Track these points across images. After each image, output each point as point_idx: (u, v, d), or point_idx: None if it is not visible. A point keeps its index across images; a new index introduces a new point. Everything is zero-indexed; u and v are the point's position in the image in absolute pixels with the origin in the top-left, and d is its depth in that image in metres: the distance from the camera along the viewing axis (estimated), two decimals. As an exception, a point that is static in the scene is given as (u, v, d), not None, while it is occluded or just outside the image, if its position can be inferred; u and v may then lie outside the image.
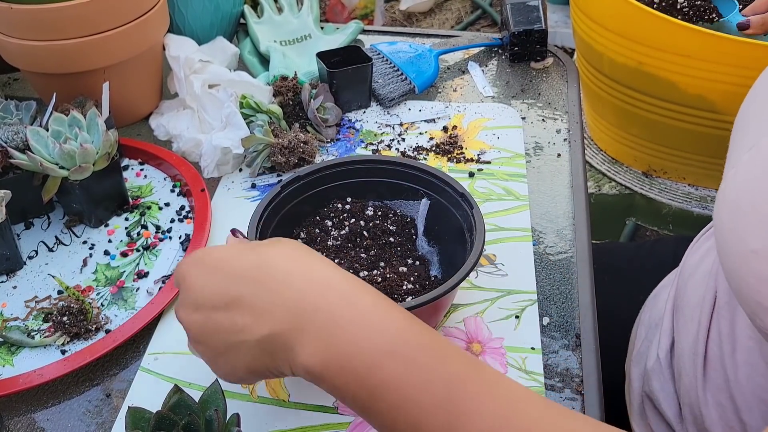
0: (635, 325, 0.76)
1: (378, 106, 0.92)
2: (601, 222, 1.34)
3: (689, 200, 1.23)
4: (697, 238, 0.69)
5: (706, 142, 1.13)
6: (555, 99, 0.92)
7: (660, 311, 0.69)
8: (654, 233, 1.33)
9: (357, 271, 0.62)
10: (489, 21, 2.55)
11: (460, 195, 0.63)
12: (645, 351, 0.69)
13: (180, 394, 0.49)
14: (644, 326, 0.72)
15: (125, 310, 0.66)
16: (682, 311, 0.63)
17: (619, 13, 1.05)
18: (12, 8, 0.75)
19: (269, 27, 1.01)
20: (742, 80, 0.99)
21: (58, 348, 0.62)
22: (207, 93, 0.83)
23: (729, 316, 0.56)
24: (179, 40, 0.89)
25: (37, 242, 0.73)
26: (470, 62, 1.00)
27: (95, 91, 0.79)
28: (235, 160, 0.81)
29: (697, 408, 0.58)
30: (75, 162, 0.69)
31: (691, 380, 0.59)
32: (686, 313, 0.62)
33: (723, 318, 0.56)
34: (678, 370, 0.62)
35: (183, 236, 0.73)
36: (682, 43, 0.99)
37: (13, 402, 0.59)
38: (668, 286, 0.71)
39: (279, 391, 0.59)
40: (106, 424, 0.57)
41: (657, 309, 0.71)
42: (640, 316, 0.75)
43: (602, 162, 1.33)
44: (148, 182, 0.80)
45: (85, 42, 0.78)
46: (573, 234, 0.72)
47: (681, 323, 0.62)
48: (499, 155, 0.83)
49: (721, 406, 0.56)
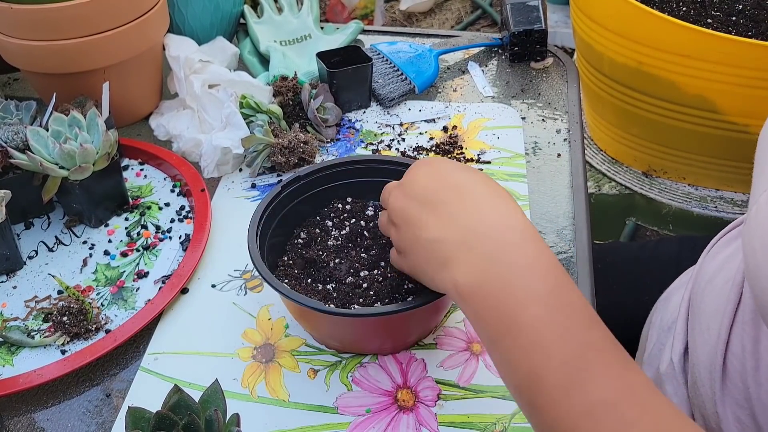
0: (645, 326, 0.75)
1: (378, 106, 0.92)
2: (601, 222, 1.34)
3: (689, 200, 1.23)
4: (713, 242, 0.67)
5: (706, 142, 1.13)
6: (555, 99, 0.92)
7: (673, 314, 0.68)
8: (654, 233, 1.33)
9: (357, 271, 0.62)
10: (489, 21, 2.55)
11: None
12: (657, 354, 0.68)
13: (180, 394, 0.49)
14: (656, 329, 0.71)
15: (125, 310, 0.66)
16: (699, 318, 0.62)
17: (619, 13, 1.05)
18: (12, 8, 0.75)
19: (269, 27, 1.01)
20: (742, 80, 1.00)
21: (58, 348, 0.62)
22: (207, 93, 0.83)
23: (753, 333, 0.55)
24: (179, 40, 0.89)
25: (37, 242, 0.73)
26: (470, 62, 1.00)
27: (95, 91, 0.79)
28: (235, 160, 0.81)
29: (715, 422, 0.57)
30: (75, 162, 0.69)
31: (707, 391, 0.58)
32: (703, 321, 0.60)
33: (746, 334, 0.55)
34: (693, 378, 0.61)
35: (183, 236, 0.73)
36: (682, 43, 1.00)
37: (13, 402, 0.59)
38: (680, 288, 0.70)
39: (279, 391, 0.59)
40: (106, 424, 0.57)
41: (669, 311, 0.70)
42: (651, 318, 0.75)
43: (602, 162, 1.33)
44: (148, 182, 0.80)
45: (85, 42, 0.78)
46: (573, 234, 0.72)
47: (697, 330, 0.61)
48: (499, 155, 0.83)
49: (741, 423, 0.55)
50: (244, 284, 0.68)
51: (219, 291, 0.68)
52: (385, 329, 0.59)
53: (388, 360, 0.61)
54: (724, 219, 1.20)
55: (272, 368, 0.61)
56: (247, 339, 0.63)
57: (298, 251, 0.65)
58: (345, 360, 0.61)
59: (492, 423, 0.56)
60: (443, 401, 0.57)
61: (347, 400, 0.58)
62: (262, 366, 0.61)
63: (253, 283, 0.68)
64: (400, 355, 0.61)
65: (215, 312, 0.66)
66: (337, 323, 0.58)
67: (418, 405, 0.57)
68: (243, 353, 0.62)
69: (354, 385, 0.59)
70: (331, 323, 0.58)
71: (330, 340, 0.61)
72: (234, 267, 0.70)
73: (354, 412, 0.57)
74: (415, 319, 0.59)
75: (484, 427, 0.55)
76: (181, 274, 0.67)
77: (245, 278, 0.69)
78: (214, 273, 0.69)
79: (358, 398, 0.58)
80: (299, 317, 0.61)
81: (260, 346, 0.63)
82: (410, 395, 0.58)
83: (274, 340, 0.63)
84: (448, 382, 0.59)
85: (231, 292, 0.68)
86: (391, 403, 0.57)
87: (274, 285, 0.55)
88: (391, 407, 0.57)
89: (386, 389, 0.58)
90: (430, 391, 0.58)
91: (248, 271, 0.70)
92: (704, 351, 0.59)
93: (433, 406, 0.57)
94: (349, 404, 0.58)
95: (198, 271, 0.69)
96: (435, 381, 0.59)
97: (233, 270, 0.70)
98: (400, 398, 0.58)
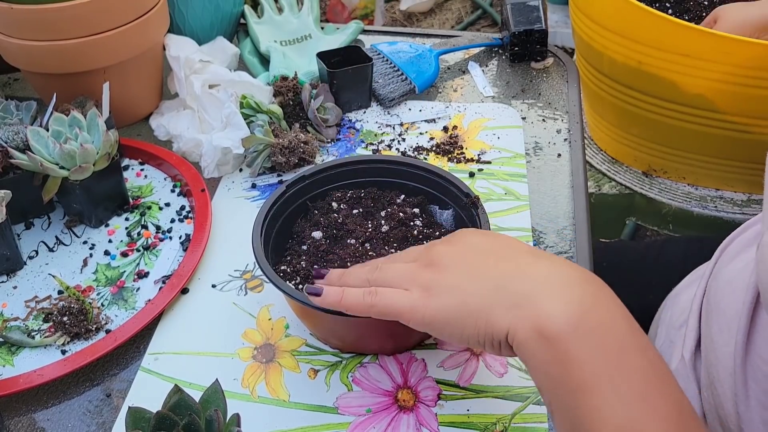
0: (653, 325, 0.75)
1: (378, 106, 0.92)
2: (601, 222, 1.34)
3: (689, 200, 1.23)
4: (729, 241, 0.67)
5: (706, 142, 1.13)
6: (555, 99, 0.92)
7: (683, 311, 0.68)
8: (654, 233, 1.33)
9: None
10: (489, 21, 2.55)
11: (465, 195, 0.63)
12: (666, 351, 0.68)
13: (180, 394, 0.49)
14: (665, 326, 0.71)
15: (125, 310, 0.66)
16: (716, 317, 0.61)
17: (619, 13, 1.05)
18: (12, 8, 0.75)
19: (269, 27, 1.01)
20: (742, 80, 0.99)
21: (58, 348, 0.62)
22: (207, 93, 0.83)
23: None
24: (179, 40, 0.89)
25: (37, 242, 0.73)
26: (470, 62, 1.00)
27: (95, 91, 0.79)
28: (235, 160, 0.81)
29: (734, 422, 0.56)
30: (75, 162, 0.69)
31: (726, 392, 0.57)
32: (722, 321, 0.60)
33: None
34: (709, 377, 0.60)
35: (183, 236, 0.73)
36: (682, 43, 0.99)
37: (14, 402, 0.59)
38: (691, 286, 0.70)
39: (279, 391, 0.59)
40: (107, 424, 0.57)
41: (679, 308, 0.70)
42: (659, 315, 0.74)
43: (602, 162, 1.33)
44: (149, 182, 0.80)
45: (85, 42, 0.78)
46: (573, 234, 0.72)
47: (715, 330, 0.60)
48: (500, 155, 0.83)
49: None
50: (245, 284, 0.68)
51: (219, 291, 0.68)
52: (388, 329, 0.59)
53: (388, 360, 0.61)
54: (724, 219, 1.20)
55: (272, 368, 0.61)
56: (248, 339, 0.63)
57: (301, 250, 0.65)
58: (345, 360, 0.61)
59: (492, 423, 0.56)
60: (443, 401, 0.57)
61: (347, 400, 0.58)
62: (262, 366, 0.61)
63: (254, 283, 0.68)
64: (400, 355, 0.61)
65: (215, 312, 0.66)
66: (339, 323, 0.58)
67: (418, 405, 0.57)
68: (243, 353, 0.62)
69: (354, 385, 0.59)
70: (333, 322, 0.58)
71: (332, 339, 0.61)
72: (234, 267, 0.70)
73: (354, 412, 0.57)
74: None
75: (484, 427, 0.55)
76: (182, 274, 0.67)
77: (245, 278, 0.69)
78: (215, 273, 0.69)
79: (359, 398, 0.58)
80: (302, 316, 0.61)
81: (260, 346, 0.63)
82: (410, 395, 0.58)
83: (275, 340, 0.63)
84: (448, 382, 0.59)
85: (231, 292, 0.68)
86: (391, 403, 0.57)
87: (277, 284, 0.55)
88: (391, 407, 0.57)
89: (386, 389, 0.58)
90: (431, 391, 0.58)
91: (248, 271, 0.70)
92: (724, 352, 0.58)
93: (433, 406, 0.57)
94: (350, 404, 0.58)
95: (198, 271, 0.69)
96: (435, 381, 0.59)
97: (233, 270, 0.70)
98: (401, 398, 0.58)
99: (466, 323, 0.46)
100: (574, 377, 0.41)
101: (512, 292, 0.45)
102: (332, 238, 0.64)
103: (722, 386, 0.58)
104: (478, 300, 0.46)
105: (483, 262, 0.47)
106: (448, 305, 0.47)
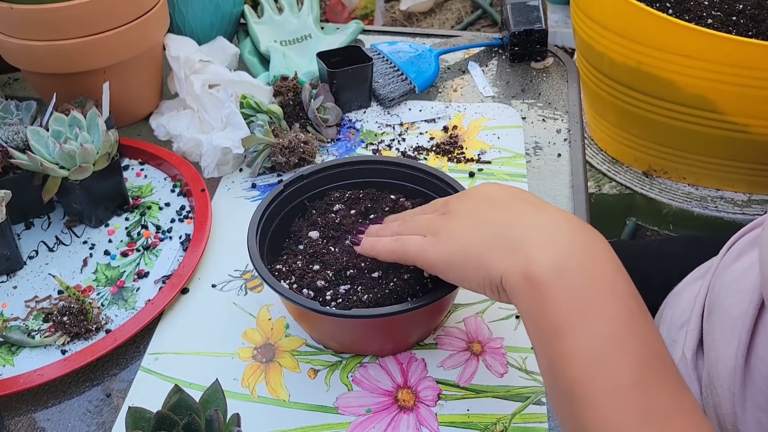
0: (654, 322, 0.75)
1: (378, 106, 0.92)
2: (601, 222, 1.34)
3: (689, 200, 1.23)
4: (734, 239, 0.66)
5: (706, 142, 1.13)
6: (555, 99, 0.92)
7: (686, 309, 0.68)
8: (654, 233, 1.33)
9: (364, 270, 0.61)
10: (489, 21, 2.55)
11: None
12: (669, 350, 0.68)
13: (180, 394, 0.49)
14: (666, 325, 0.71)
15: (125, 310, 0.66)
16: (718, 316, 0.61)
17: (619, 13, 1.05)
18: (12, 8, 0.75)
19: (269, 27, 1.01)
20: (742, 80, 1.00)
21: (58, 348, 0.62)
22: (207, 93, 0.83)
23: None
24: (179, 40, 0.89)
25: (37, 242, 0.73)
26: (470, 62, 1.00)
27: (95, 91, 0.79)
28: (235, 160, 0.81)
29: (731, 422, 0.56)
30: (75, 162, 0.69)
31: (725, 391, 0.57)
32: (724, 320, 0.60)
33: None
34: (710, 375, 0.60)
35: (183, 236, 0.73)
36: (682, 43, 1.00)
37: (14, 402, 0.59)
38: (693, 284, 0.69)
39: (279, 391, 0.59)
40: (107, 424, 0.57)
41: (681, 307, 0.69)
42: (660, 313, 0.74)
43: (602, 162, 1.33)
44: (149, 182, 0.80)
45: (85, 42, 0.78)
46: (573, 234, 0.72)
47: (718, 329, 0.60)
48: (500, 155, 0.83)
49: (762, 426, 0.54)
50: (245, 284, 0.68)
51: (219, 291, 0.68)
52: (385, 330, 0.59)
53: (388, 360, 0.61)
54: (725, 219, 1.20)
55: (272, 368, 0.61)
56: (248, 339, 0.63)
57: (298, 250, 0.65)
58: (345, 360, 0.61)
59: (492, 423, 0.56)
60: (443, 401, 0.57)
61: (347, 400, 0.58)
62: (262, 366, 0.61)
63: (254, 283, 0.68)
64: (400, 355, 0.61)
65: (215, 312, 0.66)
66: (336, 324, 0.57)
67: (418, 405, 0.57)
68: (243, 353, 0.62)
69: (354, 385, 0.59)
70: (330, 324, 0.58)
71: (329, 341, 0.61)
72: (234, 267, 0.70)
73: (354, 412, 0.57)
74: (415, 321, 0.59)
75: (484, 427, 0.55)
76: (182, 274, 0.67)
77: (245, 278, 0.69)
78: (215, 273, 0.69)
79: (359, 398, 0.58)
80: (299, 318, 0.61)
81: (260, 346, 0.63)
82: (410, 395, 0.58)
83: (275, 340, 0.63)
84: (448, 382, 0.59)
85: (231, 292, 0.68)
86: (391, 403, 0.57)
87: (272, 285, 0.55)
88: (391, 407, 0.57)
89: (386, 389, 0.58)
90: (431, 391, 0.58)
91: (248, 271, 0.70)
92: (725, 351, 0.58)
93: (433, 406, 0.57)
94: (350, 404, 0.58)
95: (198, 271, 0.69)
96: (435, 381, 0.59)
97: (233, 270, 0.70)
98: (401, 398, 0.58)
99: (467, 268, 0.49)
100: (550, 319, 0.43)
101: (508, 238, 0.47)
102: (329, 238, 0.64)
103: (721, 385, 0.58)
104: (477, 247, 0.48)
105: (490, 211, 0.50)
106: (451, 250, 0.50)
